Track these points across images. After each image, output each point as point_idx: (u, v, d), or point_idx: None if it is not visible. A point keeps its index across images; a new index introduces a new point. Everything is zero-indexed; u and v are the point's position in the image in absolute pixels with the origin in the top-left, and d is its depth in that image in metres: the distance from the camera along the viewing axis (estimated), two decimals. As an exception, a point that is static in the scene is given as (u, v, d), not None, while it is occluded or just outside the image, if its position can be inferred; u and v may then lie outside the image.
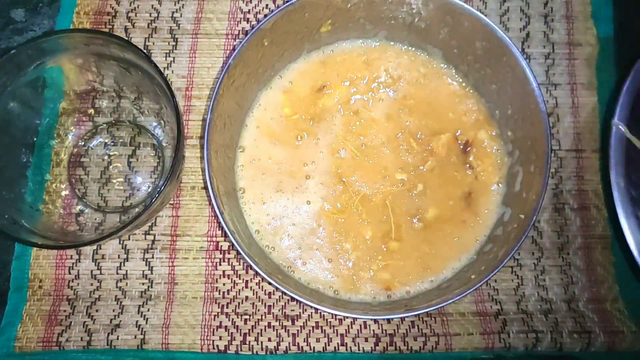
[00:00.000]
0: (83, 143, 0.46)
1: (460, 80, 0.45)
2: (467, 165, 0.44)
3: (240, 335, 0.42)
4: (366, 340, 0.42)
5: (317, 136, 0.44)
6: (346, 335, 0.43)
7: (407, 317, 0.41)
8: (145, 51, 0.40)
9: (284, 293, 0.39)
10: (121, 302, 0.43)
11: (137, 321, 0.43)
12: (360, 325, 0.43)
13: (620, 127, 0.31)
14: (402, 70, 0.46)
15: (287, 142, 0.44)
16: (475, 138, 0.44)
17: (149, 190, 0.45)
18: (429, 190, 0.43)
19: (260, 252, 0.42)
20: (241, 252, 0.37)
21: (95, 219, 0.44)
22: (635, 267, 0.35)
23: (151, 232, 0.45)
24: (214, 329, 0.43)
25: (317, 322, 0.43)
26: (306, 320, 0.43)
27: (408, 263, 0.42)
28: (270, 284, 0.37)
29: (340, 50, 0.46)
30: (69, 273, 0.44)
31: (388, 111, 0.45)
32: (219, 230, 0.45)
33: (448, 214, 0.43)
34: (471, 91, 0.45)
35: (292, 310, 0.43)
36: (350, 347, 0.42)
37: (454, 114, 0.45)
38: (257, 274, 0.44)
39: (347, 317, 0.43)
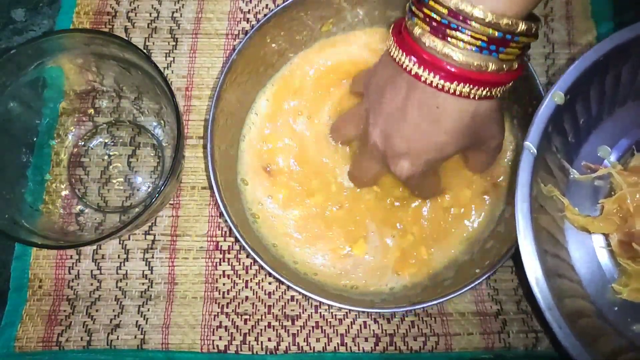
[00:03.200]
0: (83, 143, 0.46)
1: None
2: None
3: (240, 335, 0.42)
4: (366, 340, 0.42)
5: (319, 131, 0.44)
6: (346, 335, 0.43)
7: (407, 315, 0.41)
8: (145, 51, 0.40)
9: (288, 287, 0.39)
10: (121, 302, 0.43)
11: (137, 321, 0.43)
12: (360, 325, 0.43)
13: (530, 150, 0.33)
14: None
15: (290, 137, 0.44)
16: None
17: (149, 190, 0.45)
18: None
19: (263, 248, 0.42)
20: (245, 245, 0.37)
21: (95, 219, 0.44)
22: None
23: (151, 232, 0.45)
24: (214, 329, 0.43)
25: (317, 322, 0.43)
26: (306, 320, 0.43)
27: (411, 258, 0.42)
28: (275, 278, 0.37)
29: (341, 50, 0.46)
30: (69, 273, 0.44)
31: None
32: (219, 230, 0.45)
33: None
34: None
35: (292, 310, 0.43)
36: (350, 347, 0.42)
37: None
38: (258, 272, 0.44)
39: (349, 314, 0.43)
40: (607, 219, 0.37)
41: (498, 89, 0.33)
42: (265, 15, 0.41)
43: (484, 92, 0.32)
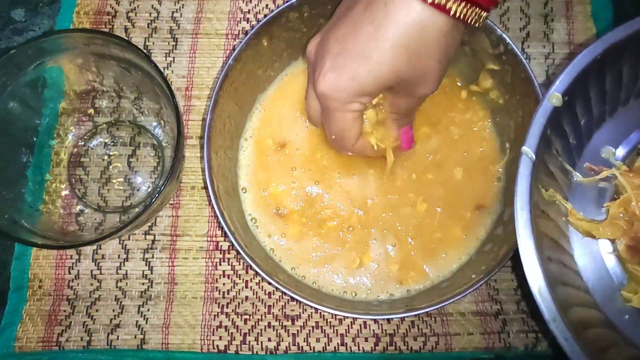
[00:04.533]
0: (83, 143, 0.46)
1: (458, 80, 0.45)
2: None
3: (240, 335, 0.42)
4: (366, 340, 0.42)
5: (321, 133, 0.44)
6: (346, 335, 0.43)
7: (407, 317, 0.41)
8: (145, 51, 0.40)
9: (284, 293, 0.39)
10: (121, 302, 0.43)
11: (137, 321, 0.43)
12: (360, 325, 0.43)
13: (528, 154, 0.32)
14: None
15: (289, 141, 0.44)
16: None
17: (149, 190, 0.45)
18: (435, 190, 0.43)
19: (261, 252, 0.42)
20: (241, 252, 0.37)
21: (95, 219, 0.44)
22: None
23: (151, 232, 0.45)
24: (214, 329, 0.43)
25: (317, 322, 0.43)
26: (306, 320, 0.43)
27: (409, 262, 0.42)
28: (270, 284, 0.37)
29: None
30: (69, 273, 0.44)
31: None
32: (219, 230, 0.45)
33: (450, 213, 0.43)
34: (473, 98, 0.45)
35: (292, 310, 0.43)
36: (350, 347, 0.42)
37: (454, 112, 0.45)
38: (257, 274, 0.44)
39: (347, 317, 0.43)
40: (612, 223, 0.35)
41: (470, 10, 0.30)
42: (265, 15, 0.41)
43: (458, 8, 0.29)
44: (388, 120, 0.38)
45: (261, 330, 0.43)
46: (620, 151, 0.38)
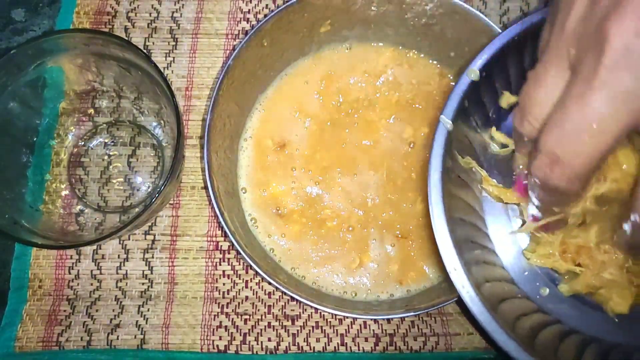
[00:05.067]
0: (83, 143, 0.46)
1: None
2: None
3: (240, 335, 0.42)
4: (366, 340, 0.42)
5: (320, 134, 0.44)
6: (346, 335, 0.43)
7: (407, 317, 0.41)
8: (145, 51, 0.40)
9: (284, 293, 0.39)
10: (121, 302, 0.43)
11: (137, 321, 0.43)
12: (360, 325, 0.43)
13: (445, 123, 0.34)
14: (400, 71, 0.46)
15: (289, 142, 0.44)
16: None
17: (149, 190, 0.45)
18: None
19: (261, 252, 0.42)
20: (241, 252, 0.37)
21: (95, 219, 0.44)
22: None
23: (151, 232, 0.45)
24: (214, 329, 0.43)
25: (317, 322, 0.43)
26: (306, 320, 0.43)
27: (409, 262, 0.42)
28: (270, 284, 0.37)
29: (340, 51, 0.46)
30: (69, 273, 0.44)
31: (388, 112, 0.45)
32: (219, 230, 0.45)
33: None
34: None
35: (292, 310, 0.43)
36: (350, 347, 0.42)
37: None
38: (257, 274, 0.44)
39: (347, 317, 0.43)
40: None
41: None
42: (265, 15, 0.41)
43: None
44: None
45: (261, 330, 0.43)
46: None
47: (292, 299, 0.43)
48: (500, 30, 0.39)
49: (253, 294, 0.43)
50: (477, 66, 0.35)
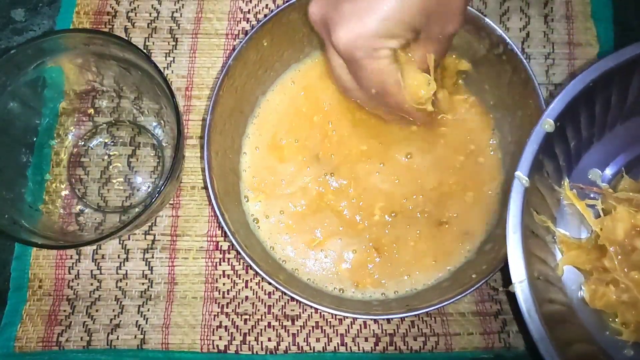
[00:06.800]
0: (83, 143, 0.46)
1: (460, 80, 0.45)
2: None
3: (240, 335, 0.42)
4: (366, 340, 0.42)
5: (319, 135, 0.44)
6: (346, 335, 0.43)
7: (407, 317, 0.41)
8: (145, 51, 0.40)
9: (284, 293, 0.39)
10: (121, 302, 0.43)
11: (137, 321, 0.43)
12: (360, 325, 0.43)
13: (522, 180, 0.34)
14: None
15: (291, 141, 0.44)
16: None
17: (149, 190, 0.45)
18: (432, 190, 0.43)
19: (262, 252, 0.42)
20: (241, 252, 0.37)
21: (95, 219, 0.44)
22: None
23: (151, 232, 0.45)
24: (213, 329, 0.43)
25: (317, 322, 0.43)
26: (306, 320, 0.43)
27: (409, 262, 0.42)
28: (270, 284, 0.37)
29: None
30: (69, 273, 0.44)
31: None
32: (219, 230, 0.45)
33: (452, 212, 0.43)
34: (471, 97, 0.45)
35: (292, 310, 0.43)
36: (350, 347, 0.42)
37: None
38: (257, 274, 0.44)
39: (347, 317, 0.43)
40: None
41: None
42: (265, 15, 0.41)
43: None
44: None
45: (261, 330, 0.43)
46: (607, 173, 0.40)
47: (292, 299, 0.43)
48: (500, 30, 0.39)
49: (253, 294, 0.43)
50: (552, 117, 0.33)
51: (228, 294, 0.43)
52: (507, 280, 0.39)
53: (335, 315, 0.43)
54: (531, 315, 0.32)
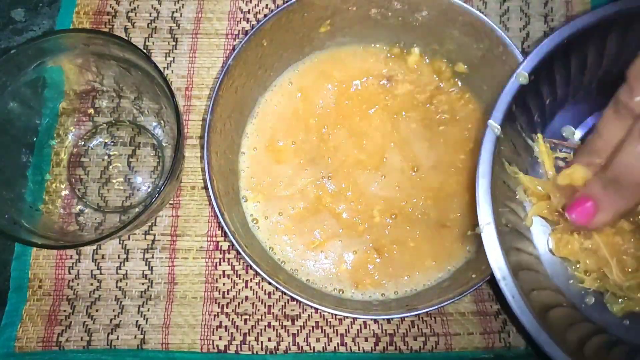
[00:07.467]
0: (83, 143, 0.46)
1: (459, 80, 0.45)
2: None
3: (240, 335, 0.42)
4: (366, 340, 0.42)
5: (315, 139, 0.44)
6: (346, 335, 0.43)
7: (407, 317, 0.41)
8: (145, 51, 0.40)
9: (284, 293, 0.39)
10: (121, 302, 0.43)
11: (137, 321, 0.43)
12: (360, 325, 0.43)
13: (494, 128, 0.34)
14: (400, 71, 0.46)
15: (288, 143, 0.44)
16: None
17: (149, 190, 0.45)
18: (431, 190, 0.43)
19: (262, 252, 0.42)
20: (241, 252, 0.37)
21: (95, 219, 0.44)
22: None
23: (151, 232, 0.45)
24: (213, 329, 0.43)
25: (317, 322, 0.43)
26: (306, 320, 0.43)
27: (409, 263, 0.42)
28: (270, 284, 0.37)
29: (340, 51, 0.46)
30: (69, 273, 0.44)
31: (388, 113, 0.45)
32: (219, 230, 0.45)
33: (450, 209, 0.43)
34: (468, 95, 0.45)
35: (292, 310, 0.43)
36: (350, 347, 0.42)
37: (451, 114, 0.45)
38: (257, 274, 0.44)
39: (347, 317, 0.43)
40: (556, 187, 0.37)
41: None
42: (265, 15, 0.41)
43: None
44: None
45: (261, 330, 0.43)
46: (578, 133, 0.40)
47: (292, 299, 0.43)
48: (500, 30, 0.39)
49: (253, 294, 0.43)
50: (527, 69, 0.34)
51: (228, 294, 0.43)
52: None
53: (335, 315, 0.43)
54: (497, 259, 0.32)
